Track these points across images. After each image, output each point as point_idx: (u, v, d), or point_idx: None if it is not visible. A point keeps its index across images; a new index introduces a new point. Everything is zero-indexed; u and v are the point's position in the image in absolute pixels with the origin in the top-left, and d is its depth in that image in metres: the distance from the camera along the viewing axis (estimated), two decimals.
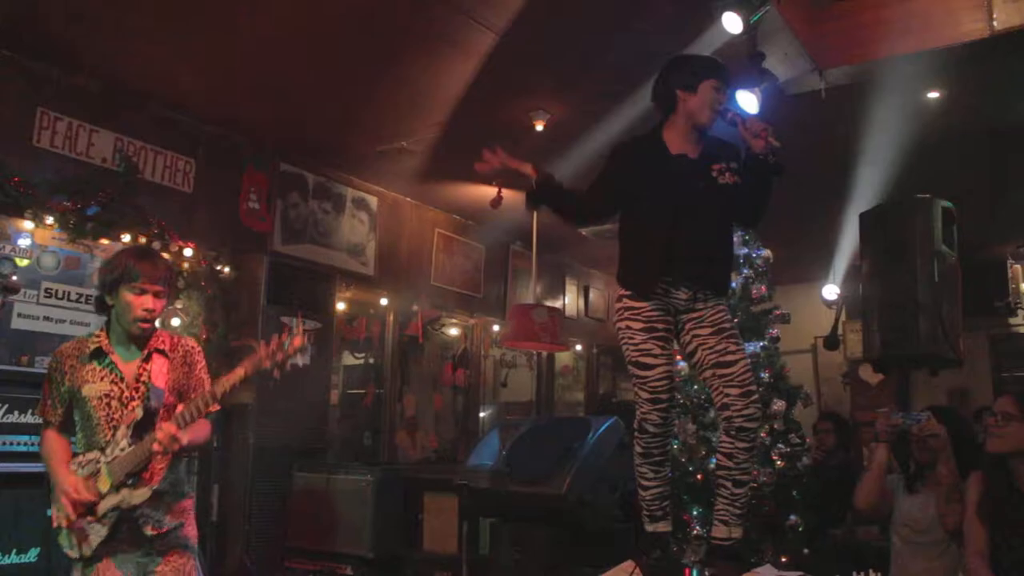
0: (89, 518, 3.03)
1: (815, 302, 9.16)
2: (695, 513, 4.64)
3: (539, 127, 6.05)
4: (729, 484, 3.38)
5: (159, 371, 3.17)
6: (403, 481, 5.76)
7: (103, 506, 3.02)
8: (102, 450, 3.07)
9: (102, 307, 3.20)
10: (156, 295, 3.13)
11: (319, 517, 5.65)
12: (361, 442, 7.54)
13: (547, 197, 3.55)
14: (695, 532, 4.55)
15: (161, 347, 3.23)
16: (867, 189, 6.51)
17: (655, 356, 3.37)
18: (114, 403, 3.10)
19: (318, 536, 5.63)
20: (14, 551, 4.14)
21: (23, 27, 4.98)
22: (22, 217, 5.11)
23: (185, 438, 3.01)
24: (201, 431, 3.16)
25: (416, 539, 5.49)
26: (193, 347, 3.35)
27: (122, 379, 3.13)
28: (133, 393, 3.13)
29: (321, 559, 5.55)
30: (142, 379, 3.15)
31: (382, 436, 7.62)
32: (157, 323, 3.27)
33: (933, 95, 5.63)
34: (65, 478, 3.04)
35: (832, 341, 4.97)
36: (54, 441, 3.16)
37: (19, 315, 5.24)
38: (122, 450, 3.05)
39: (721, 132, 3.49)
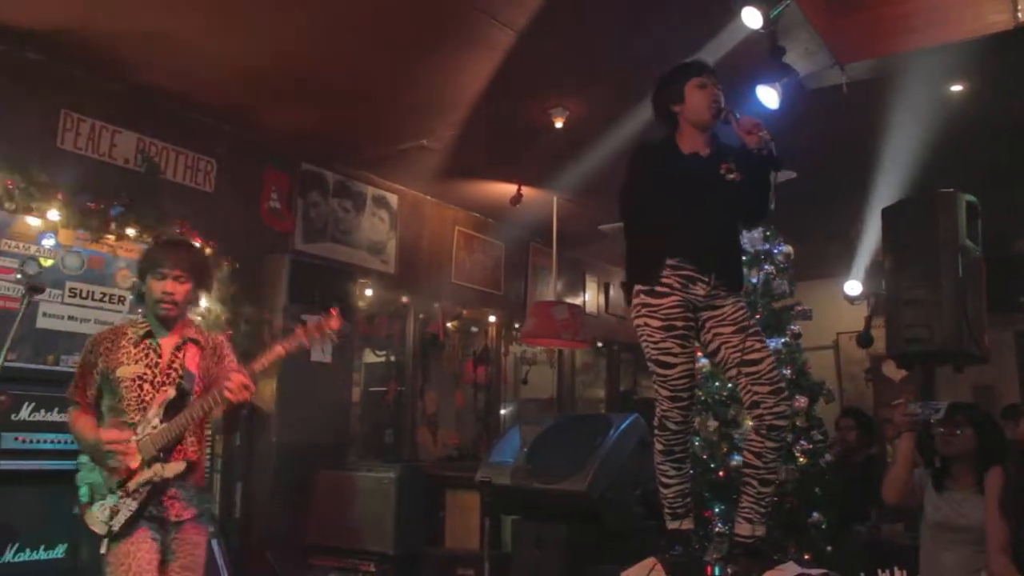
0: (120, 492, 3.11)
1: (837, 298, 9.10)
2: (717, 510, 4.62)
3: (558, 124, 6.04)
4: (756, 483, 3.37)
5: (192, 359, 3.30)
6: (425, 478, 5.78)
7: (134, 481, 3.11)
8: (131, 428, 3.16)
9: (140, 297, 3.38)
10: (176, 279, 3.26)
11: (341, 514, 5.67)
12: (383, 439, 7.56)
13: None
14: (717, 529, 4.53)
15: (194, 337, 3.36)
16: (889, 184, 6.45)
17: (675, 355, 3.37)
18: (146, 386, 3.21)
19: (341, 533, 5.65)
20: (42, 547, 4.19)
21: (47, 31, 5.02)
22: (46, 218, 5.16)
23: (253, 390, 3.13)
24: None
25: (438, 536, 5.51)
26: (223, 341, 3.51)
27: (157, 364, 3.24)
28: (164, 378, 3.23)
29: (344, 556, 5.58)
30: (175, 365, 3.27)
31: (404, 434, 7.64)
32: (190, 314, 3.44)
33: (956, 88, 5.58)
34: (103, 433, 3.15)
35: (865, 338, 4.91)
36: (83, 415, 3.28)
37: (44, 315, 5.29)
38: (154, 428, 3.15)
39: (731, 135, 3.51)
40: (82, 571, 4.02)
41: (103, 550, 3.11)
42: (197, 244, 3.96)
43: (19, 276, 5.04)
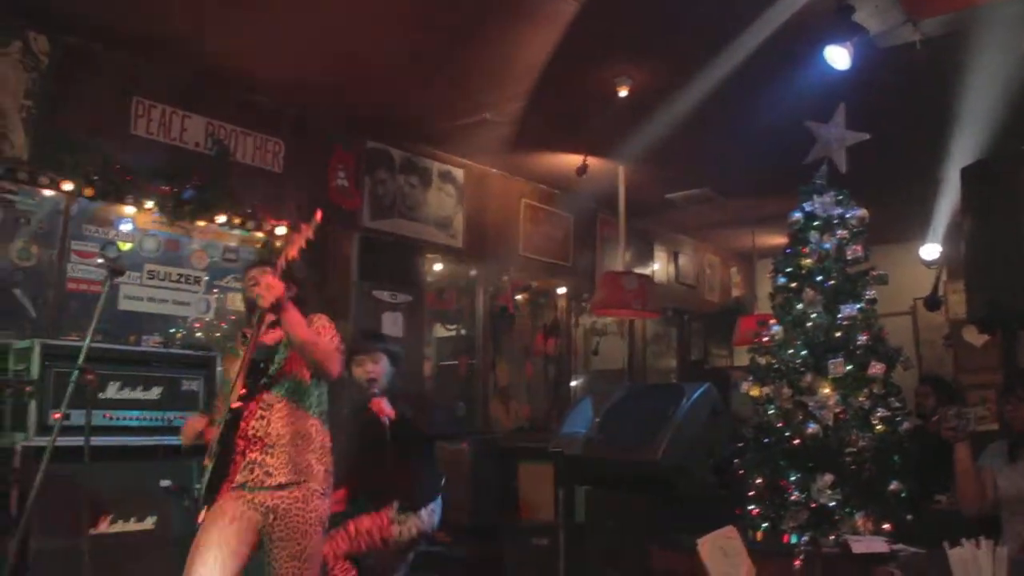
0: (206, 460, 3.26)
1: (914, 262, 8.89)
2: (792, 479, 4.57)
3: (622, 93, 5.99)
4: None
5: (274, 334, 3.36)
6: (498, 450, 5.83)
7: (212, 443, 3.28)
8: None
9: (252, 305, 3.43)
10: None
11: None
12: (456, 412, 7.64)
13: None
14: (793, 497, 4.49)
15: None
16: (968, 143, 6.24)
17: None
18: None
19: None
20: (133, 519, 4.34)
21: (115, 22, 5.14)
22: (123, 203, 5.32)
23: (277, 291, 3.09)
24: (300, 322, 3.22)
25: (512, 507, 5.56)
26: (320, 316, 3.48)
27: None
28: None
29: None
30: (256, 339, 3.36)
31: (476, 406, 7.71)
32: None
33: None
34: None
35: (933, 302, 4.76)
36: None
37: (125, 297, 5.45)
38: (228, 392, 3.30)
39: None
40: (171, 541, 4.16)
41: (200, 519, 3.23)
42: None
43: (101, 260, 5.20)
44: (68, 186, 5.03)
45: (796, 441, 4.59)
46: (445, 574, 5.38)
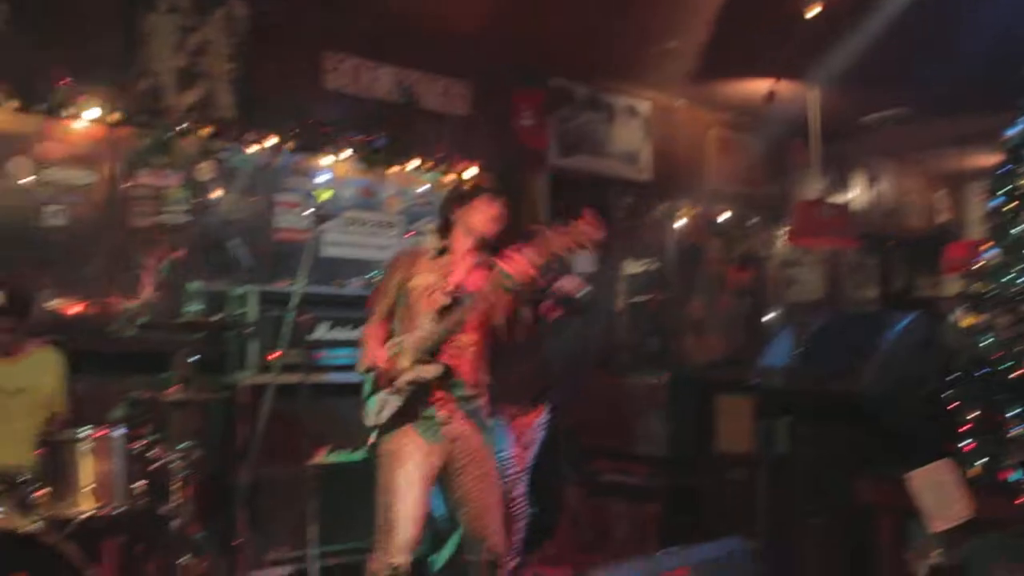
0: (388, 389, 3.38)
1: None
2: (1011, 413, 4.30)
3: (811, 15, 5.70)
4: None
5: (475, 281, 3.42)
6: (694, 383, 5.79)
7: (401, 380, 3.35)
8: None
9: (445, 228, 3.56)
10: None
11: (614, 419, 5.80)
12: (648, 347, 7.63)
13: None
14: (1011, 434, 4.23)
15: (489, 261, 3.45)
16: None
17: None
18: (436, 294, 3.40)
19: (615, 436, 5.79)
20: (348, 450, 4.64)
21: None
22: (321, 154, 5.57)
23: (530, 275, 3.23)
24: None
25: (710, 440, 5.52)
26: None
27: (448, 276, 3.44)
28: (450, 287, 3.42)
29: (619, 459, 5.72)
30: (460, 280, 3.44)
31: (669, 340, 7.67)
32: None
33: None
34: (373, 351, 3.46)
35: None
36: (374, 327, 3.55)
37: (327, 243, 5.72)
38: (424, 331, 3.36)
39: None
40: None
41: (371, 440, 3.42)
42: None
43: (306, 208, 5.48)
44: (271, 141, 5.33)
45: (1017, 373, 4.32)
46: (643, 504, 5.44)
